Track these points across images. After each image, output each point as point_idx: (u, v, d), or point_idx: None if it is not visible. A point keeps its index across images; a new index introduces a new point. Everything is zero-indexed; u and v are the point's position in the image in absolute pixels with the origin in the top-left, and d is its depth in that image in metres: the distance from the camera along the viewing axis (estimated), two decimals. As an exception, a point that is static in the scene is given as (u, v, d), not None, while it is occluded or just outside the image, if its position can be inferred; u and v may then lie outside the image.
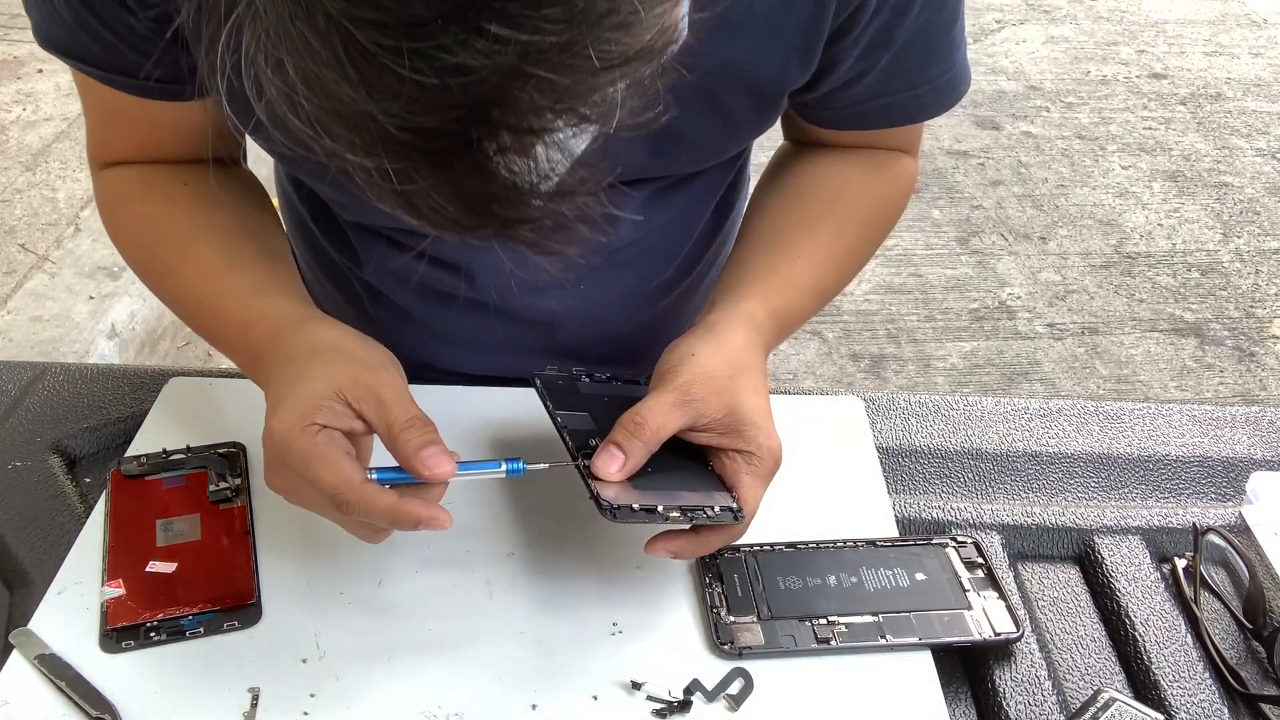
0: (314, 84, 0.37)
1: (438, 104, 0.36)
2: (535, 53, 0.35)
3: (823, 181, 0.82)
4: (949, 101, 0.77)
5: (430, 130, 0.37)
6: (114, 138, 0.77)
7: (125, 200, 0.78)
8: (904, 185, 0.84)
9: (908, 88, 0.74)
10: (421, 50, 0.35)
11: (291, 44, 0.36)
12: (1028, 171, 3.30)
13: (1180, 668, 0.69)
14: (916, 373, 2.53)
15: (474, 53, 0.35)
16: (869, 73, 0.72)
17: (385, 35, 0.34)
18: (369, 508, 0.60)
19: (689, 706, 0.64)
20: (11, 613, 0.69)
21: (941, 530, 0.78)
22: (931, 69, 0.74)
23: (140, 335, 2.36)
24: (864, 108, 0.76)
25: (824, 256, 0.79)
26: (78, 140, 2.87)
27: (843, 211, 0.80)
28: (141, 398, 0.85)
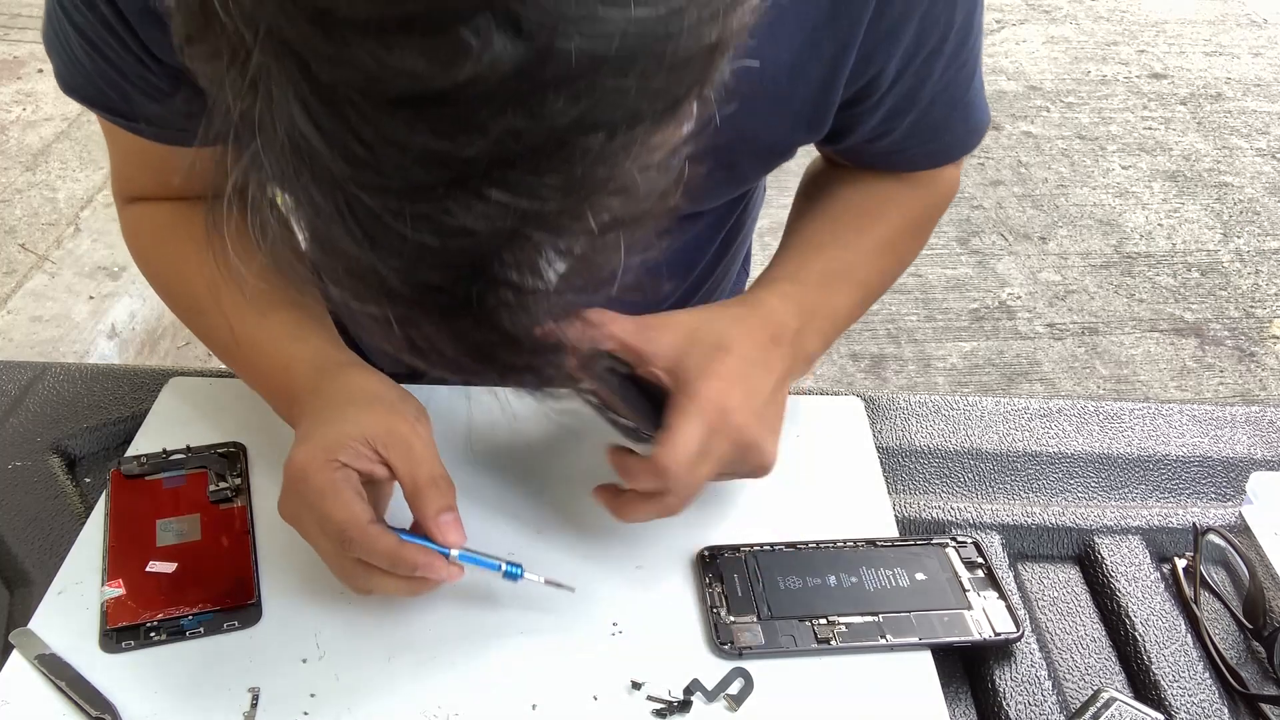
0: (318, 236, 0.38)
1: (439, 262, 0.37)
2: (535, 216, 0.36)
3: (864, 192, 0.82)
4: (972, 144, 0.78)
5: (432, 285, 0.38)
6: (139, 176, 0.78)
7: (155, 238, 0.79)
8: (945, 192, 0.84)
9: (933, 138, 0.75)
10: (424, 213, 0.35)
11: (295, 197, 0.37)
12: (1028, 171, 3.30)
13: (1180, 668, 0.69)
14: (916, 373, 2.53)
15: (475, 216, 0.35)
16: (893, 131, 0.73)
17: (388, 198, 0.35)
18: (371, 546, 0.61)
19: (689, 706, 0.64)
20: (11, 613, 0.69)
21: (941, 530, 0.78)
22: (955, 120, 0.74)
23: (140, 335, 2.36)
24: (889, 158, 0.77)
25: (868, 248, 0.78)
26: (78, 140, 2.87)
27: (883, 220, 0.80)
28: (141, 398, 0.85)
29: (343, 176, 0.35)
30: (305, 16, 0.32)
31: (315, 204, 0.36)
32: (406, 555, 0.62)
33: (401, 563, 0.62)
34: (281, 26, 0.33)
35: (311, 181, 0.36)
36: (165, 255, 0.78)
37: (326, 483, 0.62)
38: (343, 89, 0.33)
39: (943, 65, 0.68)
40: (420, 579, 0.63)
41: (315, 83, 0.33)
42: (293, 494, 0.64)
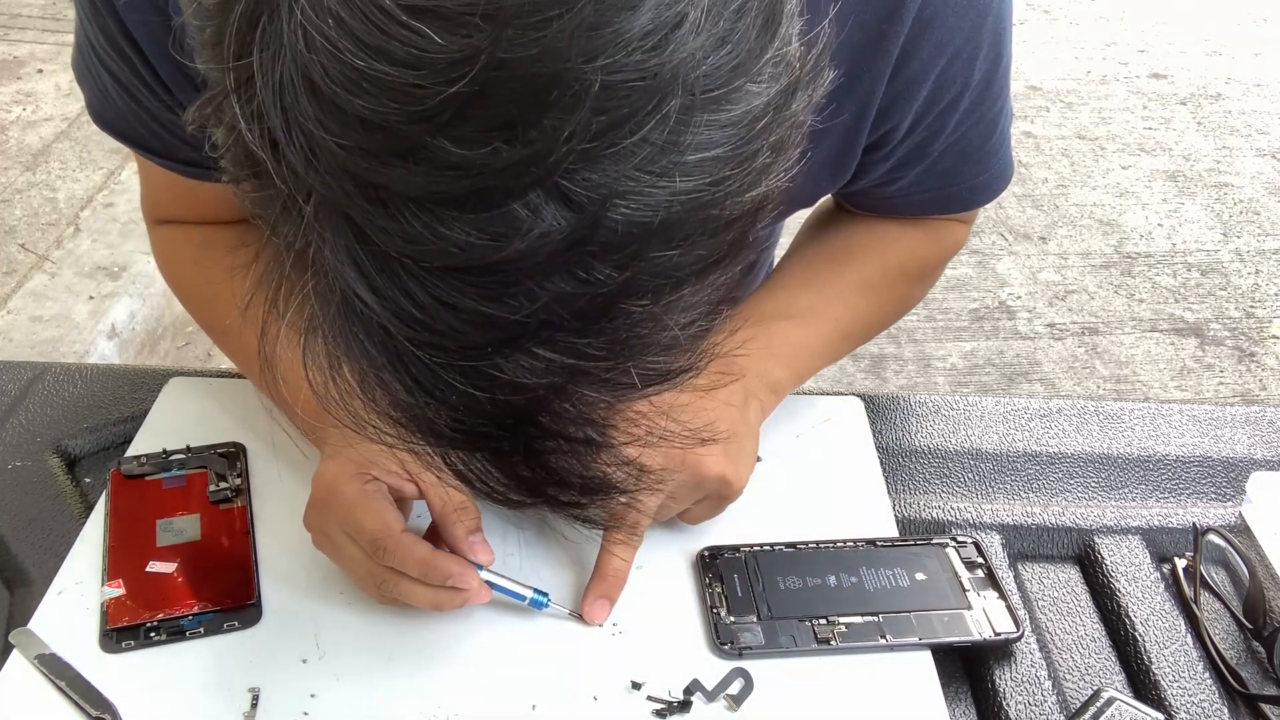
0: (367, 382, 0.38)
1: (489, 412, 0.38)
2: (581, 374, 0.37)
3: (851, 234, 0.82)
4: (985, 198, 0.77)
5: (481, 432, 0.39)
6: (170, 204, 0.79)
7: (186, 261, 0.80)
8: (945, 247, 0.84)
9: (942, 187, 0.75)
10: (473, 368, 0.36)
11: (347, 346, 0.37)
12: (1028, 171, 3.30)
13: (1180, 668, 0.69)
14: (916, 373, 2.53)
15: (523, 371, 0.36)
16: (901, 179, 0.73)
17: (439, 354, 0.36)
18: (407, 554, 0.62)
19: (689, 706, 0.64)
20: (11, 613, 0.69)
21: (941, 530, 0.78)
22: (966, 173, 0.74)
23: (140, 335, 2.36)
24: (897, 202, 0.77)
25: (839, 288, 0.79)
26: (78, 140, 2.87)
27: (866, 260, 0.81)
28: (141, 398, 0.85)
29: (395, 332, 0.35)
30: (360, 189, 0.32)
31: (367, 353, 0.37)
32: (440, 564, 0.63)
33: (435, 571, 0.63)
34: (335, 195, 0.33)
35: (363, 333, 0.36)
36: (196, 278, 0.79)
37: (358, 493, 0.63)
38: (396, 254, 0.33)
39: (956, 120, 0.69)
40: (449, 591, 0.64)
41: (369, 247, 0.34)
42: (321, 506, 0.65)
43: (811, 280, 0.80)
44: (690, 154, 0.33)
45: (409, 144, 0.31)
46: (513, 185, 0.32)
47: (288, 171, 0.33)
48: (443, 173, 0.31)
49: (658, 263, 0.34)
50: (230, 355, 0.80)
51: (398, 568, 0.63)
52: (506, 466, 0.41)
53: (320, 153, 0.32)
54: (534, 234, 0.32)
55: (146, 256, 2.44)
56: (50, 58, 3.26)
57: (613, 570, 0.70)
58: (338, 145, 0.32)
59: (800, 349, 0.78)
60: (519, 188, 0.32)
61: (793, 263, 0.83)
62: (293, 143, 0.33)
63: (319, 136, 0.32)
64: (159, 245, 0.81)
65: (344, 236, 0.34)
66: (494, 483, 0.42)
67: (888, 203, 0.78)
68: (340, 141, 0.32)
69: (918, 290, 0.86)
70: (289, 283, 0.38)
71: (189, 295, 0.81)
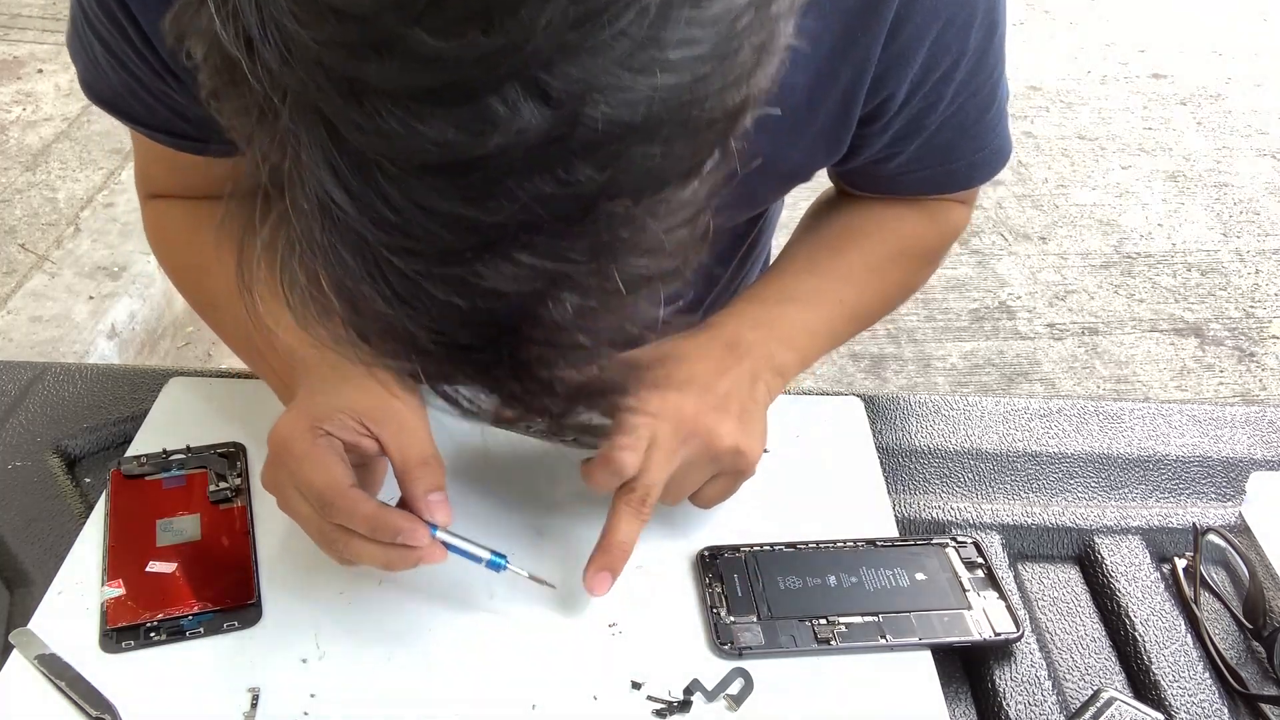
0: (347, 295, 0.38)
1: (469, 321, 0.37)
2: (563, 278, 0.36)
3: (854, 217, 0.82)
4: (984, 176, 0.77)
5: (463, 344, 0.38)
6: (162, 177, 0.79)
7: (175, 233, 0.79)
8: (946, 230, 0.84)
9: (940, 164, 0.75)
10: (453, 275, 0.35)
11: (324, 256, 0.37)
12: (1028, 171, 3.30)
13: (1180, 668, 0.69)
14: (916, 373, 2.53)
15: (504, 278, 0.35)
16: (900, 154, 0.73)
17: (417, 261, 0.35)
18: (352, 509, 0.61)
19: (689, 706, 0.64)
20: (11, 613, 0.69)
21: (941, 530, 0.78)
22: (964, 147, 0.74)
23: (140, 335, 2.36)
24: (896, 180, 0.77)
25: (844, 270, 0.79)
26: (78, 140, 2.87)
27: (868, 243, 0.80)
28: (141, 398, 0.85)
29: (372, 239, 0.35)
30: (334, 84, 0.32)
31: (344, 264, 0.36)
32: (389, 519, 0.61)
33: (383, 527, 0.61)
34: (309, 92, 0.33)
35: (340, 242, 0.36)
36: (186, 252, 0.79)
37: (308, 449, 0.62)
38: (372, 154, 0.33)
39: (953, 91, 0.69)
40: (402, 549, 0.62)
41: (344, 147, 0.33)
42: (275, 462, 0.64)
43: (815, 265, 0.80)
44: (671, 50, 0.32)
45: (384, 35, 0.31)
46: (489, 78, 0.31)
47: (263, 71, 0.33)
48: (419, 65, 0.31)
49: (639, 162, 0.34)
50: (219, 330, 0.79)
51: (346, 524, 0.61)
52: (491, 380, 0.41)
53: (295, 48, 0.32)
54: (512, 130, 0.32)
55: (146, 256, 2.44)
56: (50, 58, 3.26)
57: (618, 542, 0.67)
58: (312, 39, 0.31)
59: (805, 332, 0.78)
60: (496, 80, 0.31)
61: (795, 248, 0.83)
62: (267, 39, 0.32)
63: (293, 30, 0.32)
64: (150, 220, 0.81)
65: (319, 138, 0.33)
66: (481, 400, 0.42)
67: (887, 182, 0.78)
68: (315, 35, 0.31)
69: (921, 273, 0.86)
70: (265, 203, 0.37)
71: (178, 270, 0.80)
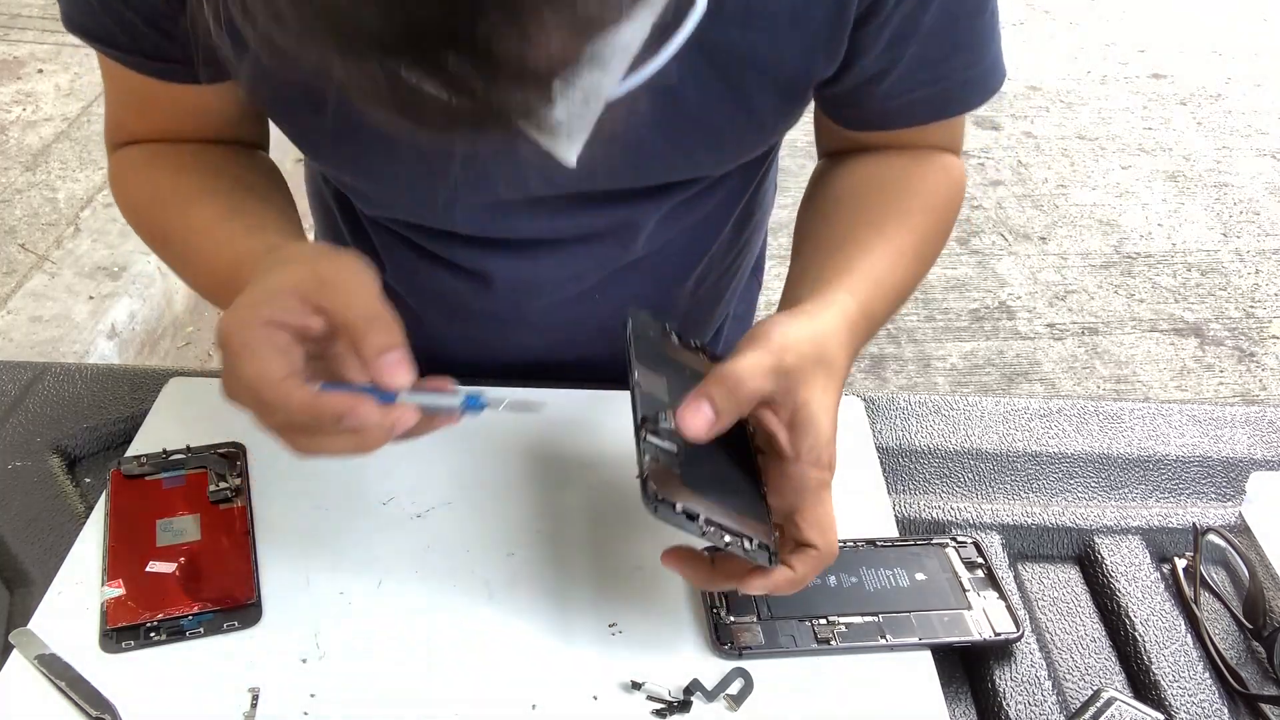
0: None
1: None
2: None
3: (877, 181, 0.78)
4: (978, 97, 0.75)
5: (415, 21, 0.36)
6: (134, 121, 0.78)
7: (135, 170, 0.78)
8: (956, 180, 0.81)
9: (934, 81, 0.73)
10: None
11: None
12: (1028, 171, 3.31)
13: (1180, 668, 0.69)
14: (916, 373, 2.53)
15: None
16: (895, 65, 0.71)
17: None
18: (285, 402, 0.56)
19: (689, 706, 0.64)
20: (11, 613, 0.69)
21: (941, 530, 0.78)
22: (957, 60, 0.72)
23: (140, 335, 2.36)
24: (892, 104, 0.74)
25: (895, 253, 0.73)
26: (78, 140, 2.87)
27: (904, 207, 0.76)
28: (141, 398, 0.85)
29: None
30: None
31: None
32: (324, 404, 0.55)
33: (321, 414, 0.55)
34: None
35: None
36: (143, 183, 0.77)
37: (242, 344, 0.56)
38: None
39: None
40: (359, 432, 0.56)
41: None
42: (224, 368, 0.59)
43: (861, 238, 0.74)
44: None
45: None
46: None
47: None
48: None
49: None
50: (175, 265, 0.75)
51: (285, 422, 0.57)
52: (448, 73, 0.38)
53: None
54: None
55: (147, 256, 2.44)
56: (50, 58, 3.26)
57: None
58: None
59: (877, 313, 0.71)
60: None
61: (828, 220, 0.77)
62: None
63: None
64: (114, 169, 0.79)
65: None
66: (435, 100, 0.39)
67: (880, 110, 0.75)
68: None
69: (945, 232, 0.80)
70: None
71: (136, 207, 0.78)
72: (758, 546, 0.59)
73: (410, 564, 0.72)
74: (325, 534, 0.73)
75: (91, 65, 3.19)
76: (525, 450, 0.81)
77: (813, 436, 0.60)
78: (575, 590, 0.71)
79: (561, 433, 0.82)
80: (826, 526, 0.61)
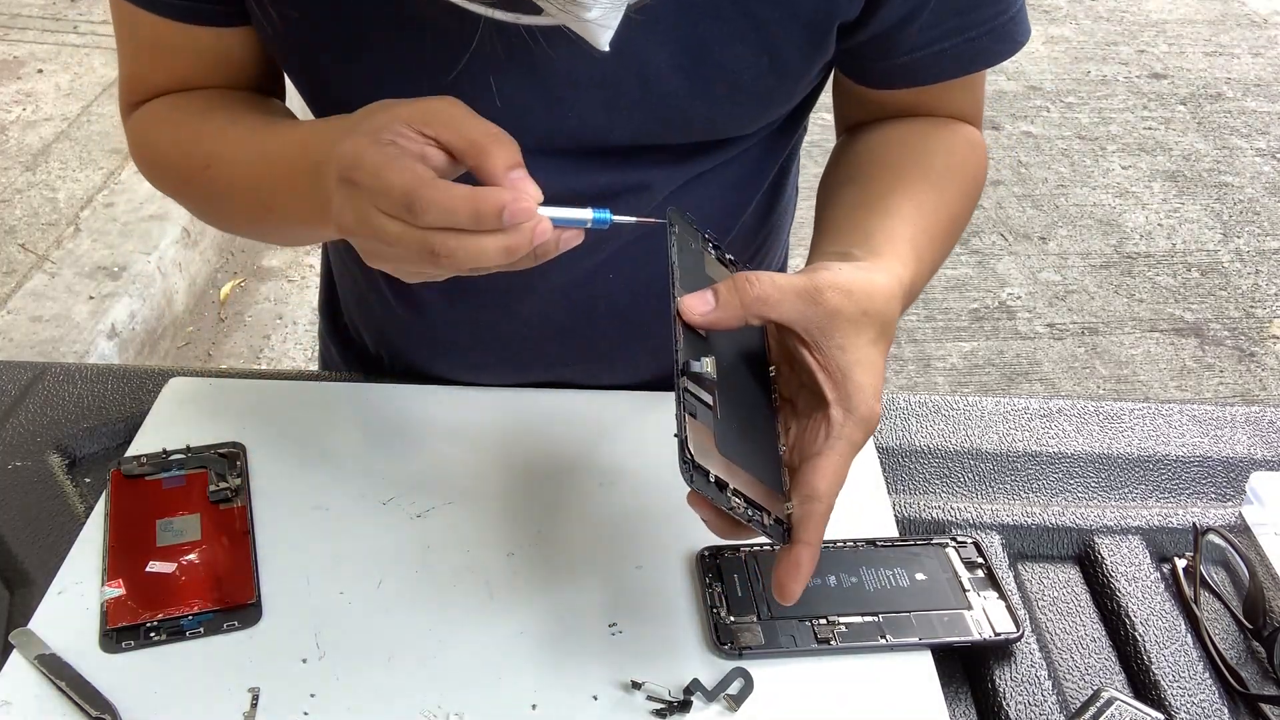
0: None
1: None
2: None
3: (904, 146, 0.76)
4: (1007, 48, 0.73)
5: None
6: (152, 72, 0.77)
7: (159, 119, 0.76)
8: (980, 152, 0.79)
9: (960, 30, 0.71)
10: None
11: None
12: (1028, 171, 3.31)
13: (1180, 668, 0.69)
14: (916, 373, 2.53)
15: None
16: (922, 10, 0.69)
17: None
18: (447, 199, 0.53)
19: (689, 706, 0.64)
20: (11, 613, 0.69)
21: (941, 530, 0.78)
22: (985, 9, 0.71)
23: (140, 335, 2.36)
24: (917, 58, 0.72)
25: (929, 224, 0.71)
26: (78, 140, 2.87)
27: (935, 176, 0.74)
28: (141, 398, 0.85)
29: None
30: None
31: None
32: (490, 196, 0.53)
33: (485, 204, 0.53)
34: None
35: None
36: (172, 126, 0.75)
37: (381, 156, 0.55)
38: None
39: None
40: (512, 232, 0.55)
41: None
42: (349, 188, 0.56)
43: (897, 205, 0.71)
44: None
45: None
46: None
47: None
48: None
49: None
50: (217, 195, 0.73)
51: (441, 223, 0.54)
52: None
53: None
54: None
55: (146, 256, 2.44)
56: (50, 58, 3.26)
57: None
58: None
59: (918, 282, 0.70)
60: None
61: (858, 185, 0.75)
62: None
63: None
64: (133, 129, 0.78)
65: None
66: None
67: (909, 65, 0.73)
68: None
69: (972, 205, 0.78)
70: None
71: (167, 154, 0.75)
72: (774, 522, 0.58)
73: (410, 564, 0.72)
74: (325, 534, 0.73)
75: (92, 65, 3.20)
76: (525, 450, 0.81)
77: (854, 383, 0.58)
78: (575, 590, 0.71)
79: (562, 433, 0.82)
80: (833, 480, 0.58)
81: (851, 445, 0.59)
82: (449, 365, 0.89)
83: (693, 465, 0.55)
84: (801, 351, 0.60)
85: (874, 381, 0.60)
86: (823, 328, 0.59)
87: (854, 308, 0.59)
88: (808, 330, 0.59)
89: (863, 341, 0.59)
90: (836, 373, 0.59)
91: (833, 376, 0.59)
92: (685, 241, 0.63)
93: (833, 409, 0.59)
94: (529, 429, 0.82)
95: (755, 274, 0.59)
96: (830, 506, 0.58)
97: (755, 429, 0.62)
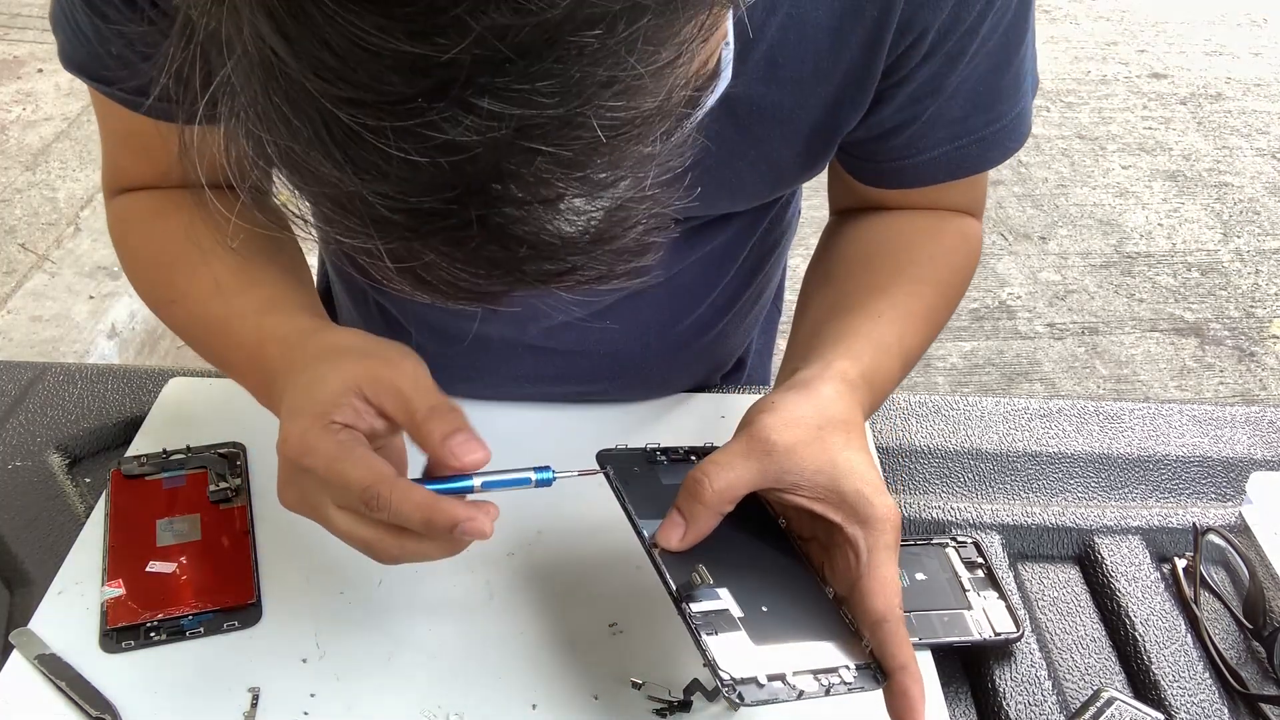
0: (297, 165, 0.35)
1: (430, 183, 0.33)
2: (532, 126, 0.32)
3: (889, 244, 0.75)
4: (998, 155, 0.71)
5: (425, 211, 0.34)
6: (133, 164, 0.74)
7: (137, 222, 0.74)
8: (972, 244, 0.78)
9: (952, 139, 0.69)
10: (407, 128, 0.32)
11: (270, 122, 0.34)
12: (1028, 171, 3.30)
13: (1180, 668, 0.69)
14: (916, 373, 2.53)
15: (464, 129, 0.32)
16: (913, 122, 0.68)
17: (366, 113, 0.32)
18: (403, 503, 0.53)
19: (689, 706, 0.64)
20: (11, 613, 0.69)
21: (941, 530, 0.78)
22: (978, 118, 0.69)
23: (140, 335, 2.36)
24: (907, 162, 0.71)
25: (903, 317, 0.71)
26: (78, 140, 2.87)
27: (915, 273, 0.74)
28: (141, 398, 0.85)
29: (316, 90, 0.32)
30: None
31: (290, 126, 0.33)
32: (445, 509, 0.53)
33: (439, 518, 0.53)
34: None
35: (284, 101, 0.33)
36: (147, 237, 0.74)
37: (335, 446, 0.54)
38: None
39: (976, 45, 0.64)
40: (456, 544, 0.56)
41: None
42: (294, 475, 0.57)
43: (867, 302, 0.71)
44: None
45: None
46: None
47: None
48: None
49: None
50: (180, 328, 0.72)
51: (396, 520, 0.54)
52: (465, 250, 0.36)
53: None
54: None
55: (146, 256, 2.44)
56: (50, 57, 3.26)
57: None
58: None
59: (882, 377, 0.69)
60: None
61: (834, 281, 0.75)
62: None
63: None
64: (114, 215, 0.76)
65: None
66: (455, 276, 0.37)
67: (898, 169, 0.72)
68: None
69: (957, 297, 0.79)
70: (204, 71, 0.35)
71: (140, 263, 0.74)
72: (859, 669, 0.56)
73: (410, 564, 0.72)
74: (325, 534, 0.73)
75: (91, 65, 3.19)
76: (525, 451, 0.81)
77: (851, 495, 0.58)
78: (575, 590, 0.71)
79: (562, 434, 0.82)
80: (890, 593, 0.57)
81: (886, 550, 0.58)
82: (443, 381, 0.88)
83: (735, 684, 0.52)
84: (788, 498, 0.60)
85: (868, 478, 0.59)
86: (788, 469, 0.58)
87: (806, 432, 0.59)
88: (778, 480, 0.59)
89: (834, 453, 0.59)
90: (830, 496, 0.59)
91: (829, 501, 0.59)
92: (626, 473, 0.63)
93: (848, 530, 0.58)
94: (529, 430, 0.82)
95: (702, 468, 0.58)
96: (901, 618, 0.57)
97: (790, 593, 0.60)
